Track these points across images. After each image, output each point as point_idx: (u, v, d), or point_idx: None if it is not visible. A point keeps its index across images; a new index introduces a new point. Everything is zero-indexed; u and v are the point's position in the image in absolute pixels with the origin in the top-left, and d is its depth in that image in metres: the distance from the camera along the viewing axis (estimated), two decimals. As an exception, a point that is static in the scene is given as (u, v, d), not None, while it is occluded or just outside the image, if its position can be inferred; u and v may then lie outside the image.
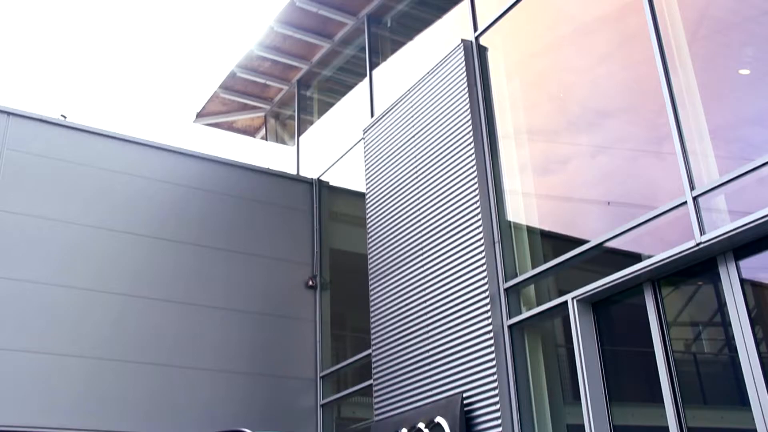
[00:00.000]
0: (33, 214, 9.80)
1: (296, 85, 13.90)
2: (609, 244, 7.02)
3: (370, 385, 9.33)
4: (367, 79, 11.57)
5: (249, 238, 11.29)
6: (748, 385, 5.60)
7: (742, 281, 5.88)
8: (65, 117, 10.68)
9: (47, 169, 10.12)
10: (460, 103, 8.77)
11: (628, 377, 7.31)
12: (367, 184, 10.31)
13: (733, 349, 5.90)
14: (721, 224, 5.90)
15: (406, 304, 8.87)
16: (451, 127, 8.82)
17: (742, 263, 5.90)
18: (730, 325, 5.86)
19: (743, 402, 5.78)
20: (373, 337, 9.39)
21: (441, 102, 9.11)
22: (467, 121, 8.58)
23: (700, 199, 6.16)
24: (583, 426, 6.74)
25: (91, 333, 9.63)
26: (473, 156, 8.39)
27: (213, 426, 6.16)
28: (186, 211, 10.97)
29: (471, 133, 8.49)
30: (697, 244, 6.02)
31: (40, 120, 10.34)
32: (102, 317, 9.78)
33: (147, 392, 9.71)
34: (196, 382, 10.06)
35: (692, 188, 6.22)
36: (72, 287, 9.71)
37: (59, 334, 9.43)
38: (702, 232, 6.03)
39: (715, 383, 6.92)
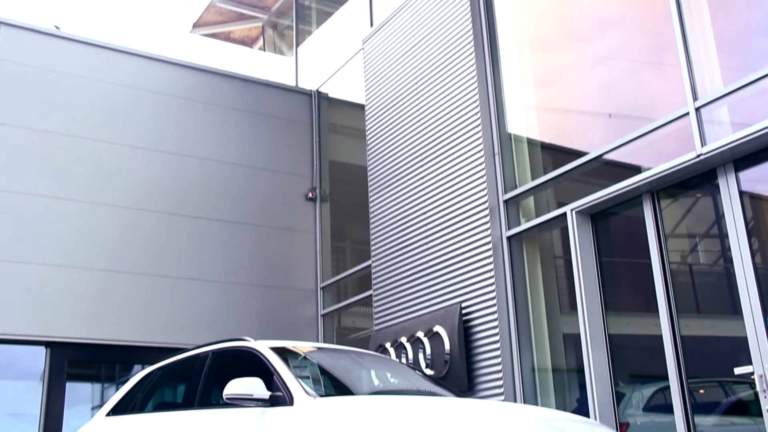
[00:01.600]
0: (27, 126, 9.72)
1: (294, -6, 13.59)
2: (609, 157, 7.00)
3: (370, 295, 9.47)
4: (366, -13, 11.29)
5: (248, 151, 11.25)
6: (741, 295, 5.68)
7: (741, 193, 5.89)
8: (58, 28, 10.47)
9: (41, 80, 9.99)
10: (462, 13, 8.58)
11: (624, 288, 7.42)
12: (366, 96, 10.20)
13: (729, 260, 5.96)
14: (723, 136, 5.87)
15: (406, 216, 8.91)
16: (452, 38, 8.66)
17: (742, 175, 5.90)
18: (727, 237, 5.91)
19: (735, 311, 5.89)
20: (372, 248, 9.48)
21: (442, 12, 8.91)
22: (468, 32, 8.42)
23: (702, 110, 6.11)
24: (579, 335, 6.88)
25: (90, 244, 9.71)
26: (474, 67, 8.27)
27: (215, 336, 6.29)
28: (184, 124, 10.89)
29: (472, 44, 8.34)
30: (698, 156, 6.00)
31: (33, 30, 10.14)
32: (101, 229, 9.84)
33: (148, 303, 9.86)
34: (197, 293, 10.21)
35: (695, 99, 6.16)
36: (70, 199, 9.73)
37: (59, 246, 9.51)
38: (703, 143, 6.00)
39: (709, 293, 7.03)
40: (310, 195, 11.61)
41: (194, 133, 10.90)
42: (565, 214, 7.19)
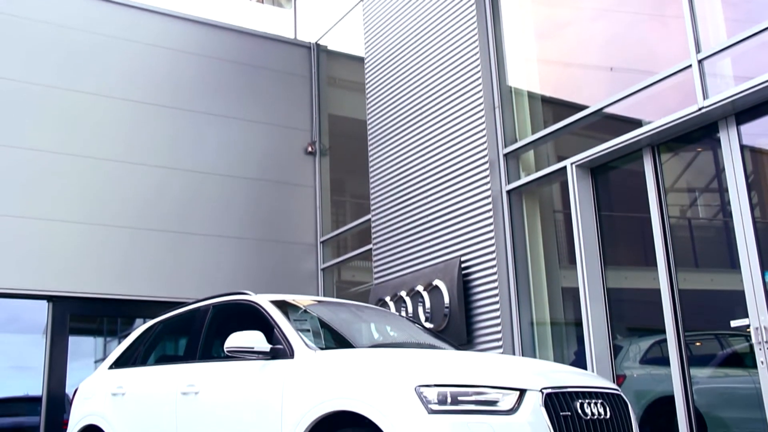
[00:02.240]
0: (23, 80, 9.64)
1: (292, -56, 13.35)
2: (610, 110, 6.95)
3: (370, 249, 9.50)
4: (365, -64, 11.08)
5: (246, 104, 11.17)
6: (739, 249, 5.70)
7: (742, 147, 5.87)
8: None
9: (38, 33, 9.87)
10: (463, -37, 8.44)
11: (623, 242, 7.44)
12: (366, 48, 10.10)
13: (728, 215, 5.96)
14: (725, 88, 5.82)
15: (406, 170, 8.89)
16: (453, -12, 8.53)
17: (743, 128, 5.87)
18: (727, 191, 5.90)
19: (733, 265, 5.91)
20: (372, 202, 9.48)
21: (442, -39, 8.77)
22: (469, -18, 8.29)
23: (705, 63, 6.05)
24: (577, 289, 6.92)
25: (90, 200, 9.71)
26: (474, 19, 8.16)
27: (215, 290, 6.32)
28: (182, 77, 10.79)
29: (473, -5, 8.23)
30: (700, 109, 5.96)
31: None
32: (101, 184, 9.82)
33: (148, 257, 9.90)
34: (197, 247, 10.24)
35: (698, 51, 6.09)
36: (70, 155, 9.70)
37: (59, 201, 9.51)
38: (705, 96, 5.96)
39: (708, 247, 7.05)
40: (310, 149, 11.57)
41: (191, 87, 10.81)
42: (565, 167, 7.18)
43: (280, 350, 4.24)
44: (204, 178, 10.53)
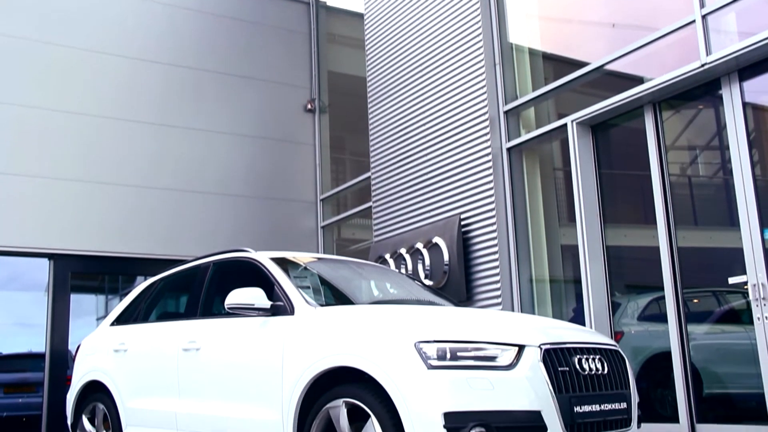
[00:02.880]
0: (21, 36, 9.54)
1: None
2: (611, 67, 6.89)
3: (370, 207, 9.51)
4: None
5: (245, 61, 11.07)
6: (739, 206, 5.70)
7: (744, 104, 5.83)
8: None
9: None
10: None
11: (623, 200, 7.44)
12: (365, 4, 9.97)
13: (728, 172, 5.95)
14: (729, 44, 5.76)
15: (406, 127, 8.85)
16: (454, -58, 8.40)
17: (746, 85, 5.83)
18: (728, 149, 5.88)
19: (732, 223, 5.92)
20: (372, 160, 9.46)
21: None
22: (470, -64, 8.16)
23: (709, 18, 5.98)
24: (576, 247, 6.94)
25: (90, 157, 9.68)
26: (476, -27, 8.05)
27: (216, 248, 6.34)
28: (179, 33, 10.68)
29: (474, -51, 8.10)
30: (702, 65, 5.91)
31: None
32: (101, 143, 9.78)
33: (149, 216, 9.91)
34: (197, 205, 10.24)
35: (702, 6, 6.02)
36: (70, 113, 9.64)
37: (60, 159, 9.48)
38: (708, 52, 5.90)
39: (707, 205, 7.05)
40: (309, 106, 11.50)
41: (189, 44, 10.70)
42: (565, 125, 7.14)
43: (280, 307, 4.26)
44: (203, 136, 10.49)
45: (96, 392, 5.60)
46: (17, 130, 9.30)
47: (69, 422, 5.89)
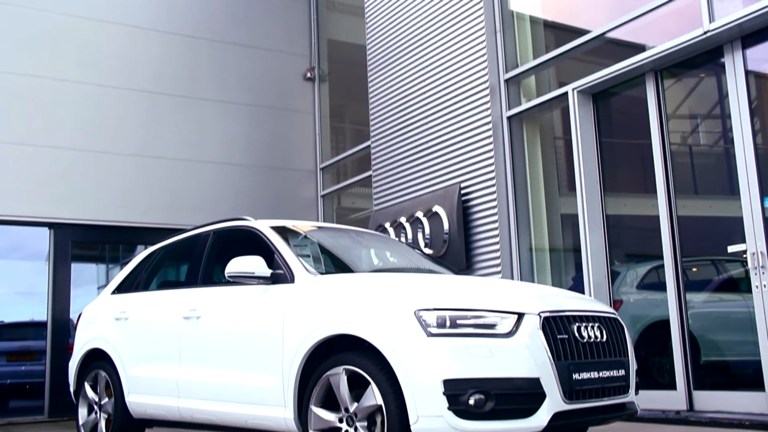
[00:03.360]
0: (19, 4, 9.44)
1: None
2: (613, 35, 6.84)
3: (370, 176, 9.50)
4: None
5: (244, 29, 10.97)
6: (740, 175, 5.69)
7: (747, 72, 5.79)
8: None
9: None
10: None
11: (623, 169, 7.43)
12: (365, -29, 9.87)
13: (729, 141, 5.94)
14: (733, 11, 5.71)
15: (406, 96, 8.81)
16: None
17: (749, 53, 5.78)
18: (729, 117, 5.86)
19: (732, 191, 5.91)
20: (372, 128, 9.43)
21: None
22: None
23: (713, -16, 5.93)
24: (576, 216, 6.94)
25: (90, 126, 9.64)
26: (477, -61, 7.95)
27: (216, 217, 6.34)
28: (178, 1, 10.57)
29: None
30: (705, 32, 5.86)
31: None
32: (100, 111, 9.74)
33: (149, 185, 9.90)
34: (197, 174, 10.23)
35: (705, -27, 5.95)
36: (70, 81, 9.59)
37: (60, 128, 9.45)
38: (711, 19, 5.85)
39: (708, 174, 7.04)
40: (309, 75, 11.43)
41: (187, 12, 10.60)
42: (566, 93, 7.11)
43: (280, 275, 4.27)
44: (202, 105, 10.44)
45: (98, 360, 5.63)
46: (16, 98, 9.26)
47: (72, 389, 5.94)
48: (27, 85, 9.33)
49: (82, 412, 5.71)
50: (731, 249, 5.81)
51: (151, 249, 6.01)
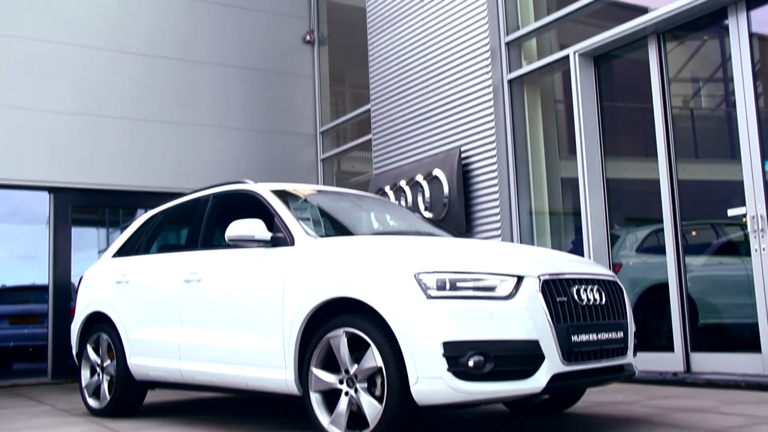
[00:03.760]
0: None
1: None
2: (616, -4, 6.77)
3: (370, 139, 9.47)
4: None
5: (242, -9, 10.86)
6: (741, 138, 5.67)
7: (751, 34, 5.74)
8: None
9: None
10: None
11: (624, 132, 7.40)
12: (365, -69, 9.73)
13: (731, 104, 5.91)
14: (736, -28, 5.65)
15: (406, 59, 8.74)
16: None
17: (753, 14, 5.72)
18: (732, 80, 5.82)
19: (733, 155, 5.90)
20: (372, 92, 9.37)
21: None
22: None
23: (718, -58, 5.85)
24: (577, 179, 6.93)
25: (89, 90, 9.58)
26: None
27: (215, 180, 6.33)
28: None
29: None
30: (708, -6, 5.80)
31: None
32: (99, 75, 9.67)
33: (148, 149, 9.87)
34: (197, 138, 10.20)
35: (710, -68, 5.87)
36: (69, 44, 9.50)
37: (59, 92, 9.39)
38: (715, -20, 5.79)
39: (709, 138, 7.03)
40: (308, 38, 11.32)
41: (186, -28, 10.48)
42: (567, 56, 7.05)
43: (280, 238, 4.28)
44: (201, 68, 10.37)
45: (99, 323, 5.67)
46: (15, 62, 9.18)
47: (74, 352, 5.98)
48: (25, 49, 9.25)
49: (85, 374, 5.76)
50: (731, 212, 5.81)
51: (151, 213, 6.01)
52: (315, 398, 3.83)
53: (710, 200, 6.60)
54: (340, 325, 3.73)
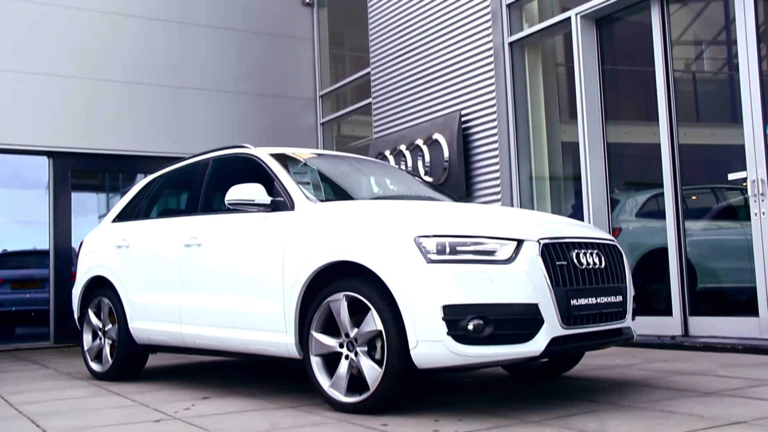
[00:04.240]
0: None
1: None
2: (619, -44, 6.68)
3: (369, 103, 9.42)
4: None
5: (240, -48, 10.72)
6: (743, 101, 5.63)
7: (755, -5, 5.67)
8: None
9: None
10: None
11: (625, 96, 7.36)
12: None
13: (734, 68, 5.86)
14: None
15: (406, 22, 8.65)
16: None
17: (757, -25, 5.66)
18: (735, 43, 5.76)
19: (734, 119, 5.87)
20: (372, 55, 9.30)
21: None
22: None
23: None
24: (577, 143, 6.91)
25: (88, 54, 9.51)
26: None
27: (215, 144, 6.31)
28: None
29: None
30: (712, -45, 5.72)
31: None
32: (98, 39, 9.59)
33: (148, 113, 9.82)
34: (196, 102, 10.14)
35: None
36: (68, 7, 9.40)
37: (57, 56, 9.31)
38: (719, -59, 5.70)
39: (711, 101, 6.98)
40: (307, 0, 11.20)
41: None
42: (569, 18, 6.98)
43: (280, 202, 4.27)
44: (200, 32, 10.27)
45: (100, 287, 5.69)
46: (13, 26, 9.10)
47: (76, 316, 6.01)
48: (20, 11, 9.15)
49: (87, 338, 5.79)
50: (731, 176, 5.80)
51: (150, 177, 6.00)
52: (315, 362, 3.86)
53: (711, 165, 6.59)
54: (340, 289, 3.74)
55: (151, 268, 5.20)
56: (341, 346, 3.75)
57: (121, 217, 5.92)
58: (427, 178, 7.80)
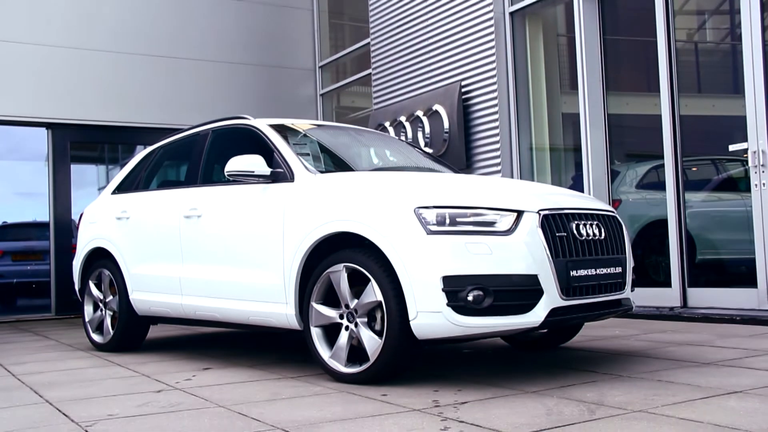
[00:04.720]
0: None
1: None
2: (622, -75, 6.59)
3: (369, 74, 9.36)
4: None
5: None
6: (746, 72, 5.60)
7: (759, -36, 5.61)
8: None
9: None
10: None
11: (626, 67, 7.31)
12: None
13: (737, 38, 5.81)
14: None
15: (406, -8, 8.57)
16: None
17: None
18: (738, 13, 5.71)
19: (736, 90, 5.84)
20: (372, 25, 9.22)
21: None
22: None
23: None
24: (578, 115, 6.88)
25: (87, 25, 9.43)
26: None
27: (214, 116, 6.28)
28: None
29: None
30: (716, -77, 5.64)
31: None
32: (97, 10, 9.51)
33: (146, 84, 9.77)
34: (195, 73, 10.08)
35: None
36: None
37: (56, 26, 9.24)
38: None
39: (712, 72, 6.94)
40: (306, -31, 11.09)
41: None
42: (571, -12, 6.91)
43: (280, 174, 4.26)
44: (198, 2, 10.18)
45: (101, 259, 5.69)
46: (5, -6, 9.02)
47: (77, 288, 6.03)
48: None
49: (88, 309, 5.81)
50: (732, 148, 5.78)
51: (149, 149, 5.97)
52: (315, 333, 3.87)
53: (711, 136, 6.57)
54: (340, 260, 3.75)
55: (151, 239, 5.21)
56: (341, 317, 3.76)
57: (121, 188, 5.91)
58: (427, 150, 7.78)
